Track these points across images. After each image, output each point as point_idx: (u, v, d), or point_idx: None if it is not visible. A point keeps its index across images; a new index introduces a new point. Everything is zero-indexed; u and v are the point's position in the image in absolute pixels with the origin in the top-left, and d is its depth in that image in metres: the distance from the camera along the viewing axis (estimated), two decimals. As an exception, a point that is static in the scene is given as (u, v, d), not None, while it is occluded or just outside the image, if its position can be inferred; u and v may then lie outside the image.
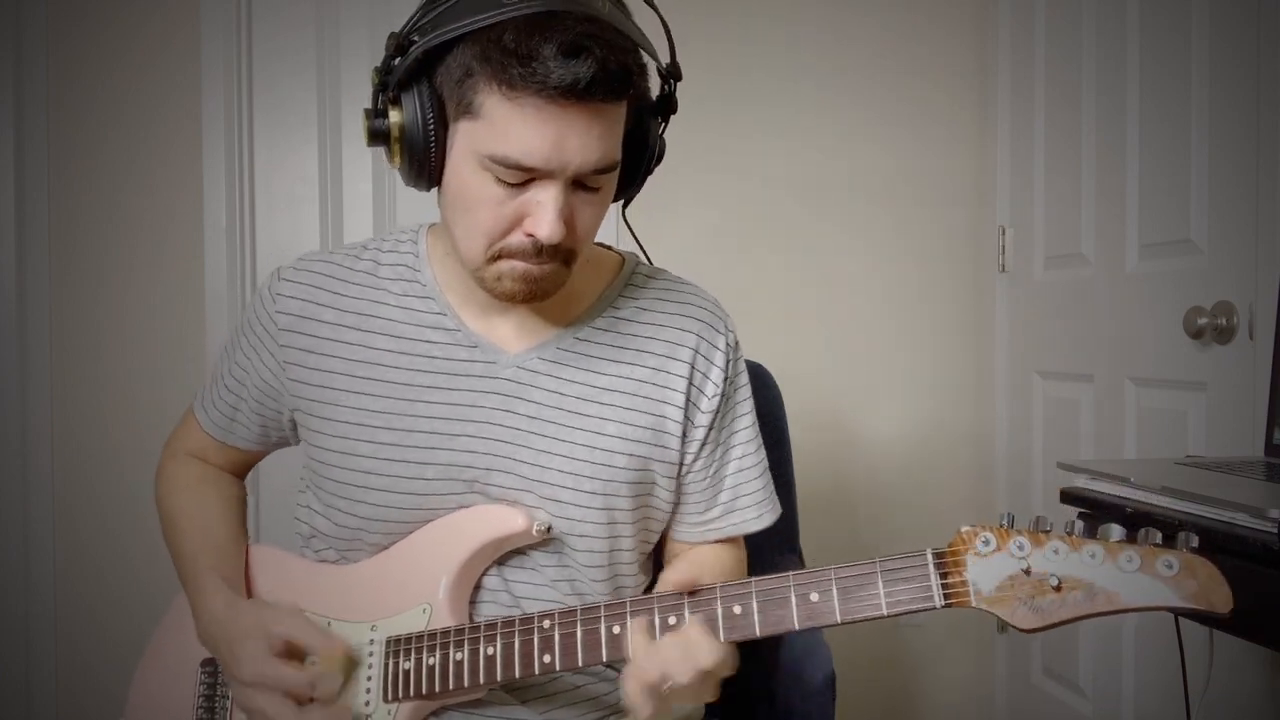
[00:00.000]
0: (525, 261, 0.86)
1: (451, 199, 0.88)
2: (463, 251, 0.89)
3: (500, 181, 0.83)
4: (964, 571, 0.75)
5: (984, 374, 2.31)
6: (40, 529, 2.15)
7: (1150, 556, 0.71)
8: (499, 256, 0.87)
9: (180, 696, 1.03)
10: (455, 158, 0.86)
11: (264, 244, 2.24)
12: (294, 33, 2.23)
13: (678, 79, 0.96)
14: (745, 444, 1.04)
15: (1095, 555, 0.72)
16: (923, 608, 0.76)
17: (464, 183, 0.85)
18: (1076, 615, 0.72)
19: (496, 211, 0.85)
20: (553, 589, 0.97)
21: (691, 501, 1.03)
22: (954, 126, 2.30)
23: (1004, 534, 0.74)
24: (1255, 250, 1.46)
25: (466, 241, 0.88)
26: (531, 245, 0.85)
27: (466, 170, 0.85)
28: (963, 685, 2.34)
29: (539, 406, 0.95)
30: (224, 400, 1.05)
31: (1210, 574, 0.70)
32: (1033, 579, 0.73)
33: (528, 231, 0.85)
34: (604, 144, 0.84)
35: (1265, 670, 1.44)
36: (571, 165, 0.83)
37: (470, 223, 0.86)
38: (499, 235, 0.86)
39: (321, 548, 1.02)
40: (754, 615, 0.80)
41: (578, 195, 0.86)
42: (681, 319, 1.01)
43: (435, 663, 0.89)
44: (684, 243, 2.21)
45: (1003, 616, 0.73)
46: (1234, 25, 1.51)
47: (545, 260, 0.86)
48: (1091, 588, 0.71)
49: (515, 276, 0.87)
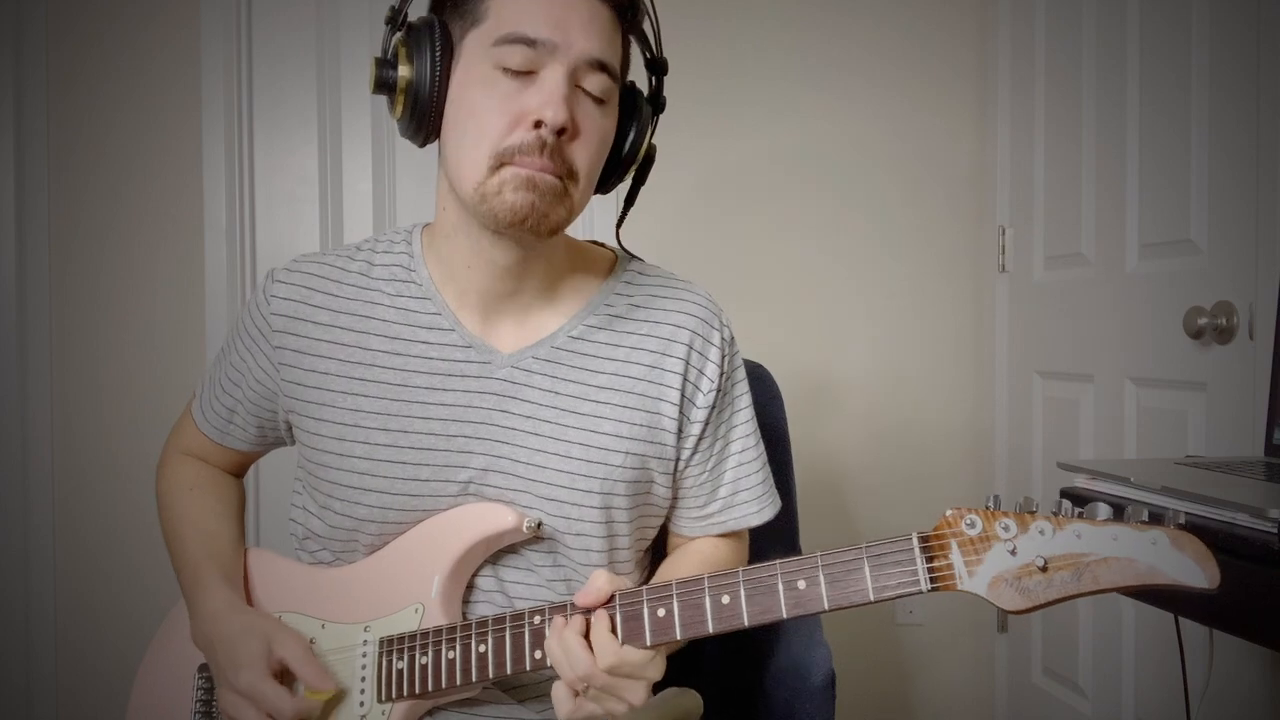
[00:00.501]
0: (528, 164, 0.85)
1: (455, 114, 0.89)
2: (467, 170, 0.88)
3: (506, 71, 0.85)
4: (950, 554, 0.74)
5: (984, 374, 2.31)
6: (40, 529, 2.15)
7: (1137, 533, 0.70)
8: (501, 165, 0.86)
9: (178, 701, 1.03)
10: (462, 71, 0.88)
11: (264, 244, 2.24)
12: (294, 33, 2.23)
13: (664, 72, 0.98)
14: (744, 438, 1.04)
15: (1081, 535, 0.71)
16: (910, 592, 0.75)
17: (470, 89, 0.87)
18: (1064, 595, 0.71)
19: (503, 107, 0.85)
20: (548, 589, 0.97)
21: (691, 496, 1.03)
22: (954, 126, 2.30)
23: (990, 516, 0.74)
24: (1255, 250, 1.46)
25: (473, 152, 0.87)
26: (536, 140, 0.85)
27: (474, 74, 0.87)
28: (963, 685, 2.34)
29: (535, 406, 0.95)
30: (220, 403, 1.05)
31: (1197, 549, 0.69)
32: (1019, 560, 0.72)
33: (534, 119, 0.85)
34: (604, 41, 0.88)
35: (1265, 670, 1.44)
36: (575, 47, 0.85)
37: (474, 130, 0.87)
38: (503, 134, 0.85)
39: (316, 549, 1.02)
40: (741, 605, 0.79)
41: (580, 100, 0.87)
42: (676, 315, 1.00)
43: (428, 662, 0.90)
44: (684, 244, 2.21)
45: (989, 598, 0.73)
46: (1234, 25, 1.51)
47: (548, 163, 0.86)
48: (1078, 567, 0.71)
49: (518, 184, 0.86)
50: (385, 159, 2.26)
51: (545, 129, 0.84)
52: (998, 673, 2.29)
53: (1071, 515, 0.72)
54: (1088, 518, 0.72)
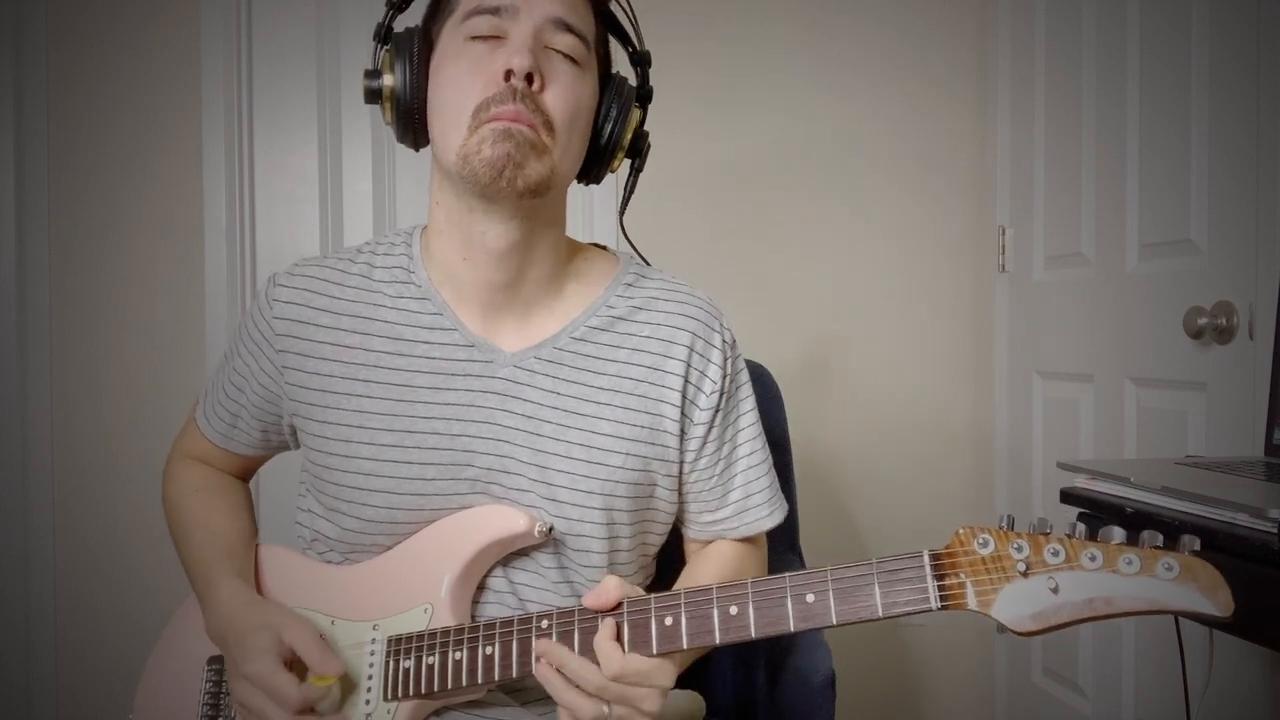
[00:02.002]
0: (503, 115, 0.87)
1: (437, 95, 0.92)
2: (450, 140, 0.90)
3: (475, 39, 0.90)
4: (961, 573, 0.74)
5: (984, 374, 2.31)
6: (40, 529, 2.15)
7: (1150, 559, 0.69)
8: (480, 124, 0.88)
9: (186, 694, 1.03)
10: (437, 59, 0.93)
11: (264, 244, 2.24)
12: (294, 33, 2.23)
13: (647, 64, 1.02)
14: (751, 442, 1.04)
15: (1095, 558, 0.70)
16: (919, 610, 0.75)
17: (443, 71, 0.92)
18: (1075, 619, 0.71)
19: (473, 71, 0.89)
20: (554, 592, 0.97)
21: (701, 502, 1.03)
22: (954, 126, 2.30)
23: (1003, 536, 0.73)
24: (1255, 250, 1.46)
25: (452, 121, 0.90)
26: (508, 89, 0.87)
27: (449, 55, 0.91)
28: (963, 685, 2.34)
29: (536, 406, 0.95)
30: (224, 408, 1.06)
31: (1211, 577, 0.69)
32: (1031, 582, 0.72)
33: (503, 70, 0.87)
34: (567, 6, 0.91)
35: (1265, 670, 1.44)
36: (538, 8, 0.90)
37: (452, 98, 0.90)
38: (478, 93, 0.88)
39: (324, 550, 1.02)
40: (750, 616, 0.79)
41: (550, 56, 0.91)
42: (677, 318, 1.01)
43: (435, 662, 0.90)
44: (685, 243, 2.21)
45: (999, 619, 0.72)
46: (1234, 25, 1.51)
47: (521, 109, 0.87)
48: (1090, 591, 0.70)
49: (495, 138, 0.87)
50: (385, 159, 2.26)
51: (515, 78, 0.87)
52: (998, 673, 2.29)
53: (1085, 538, 0.72)
54: (1102, 541, 0.71)
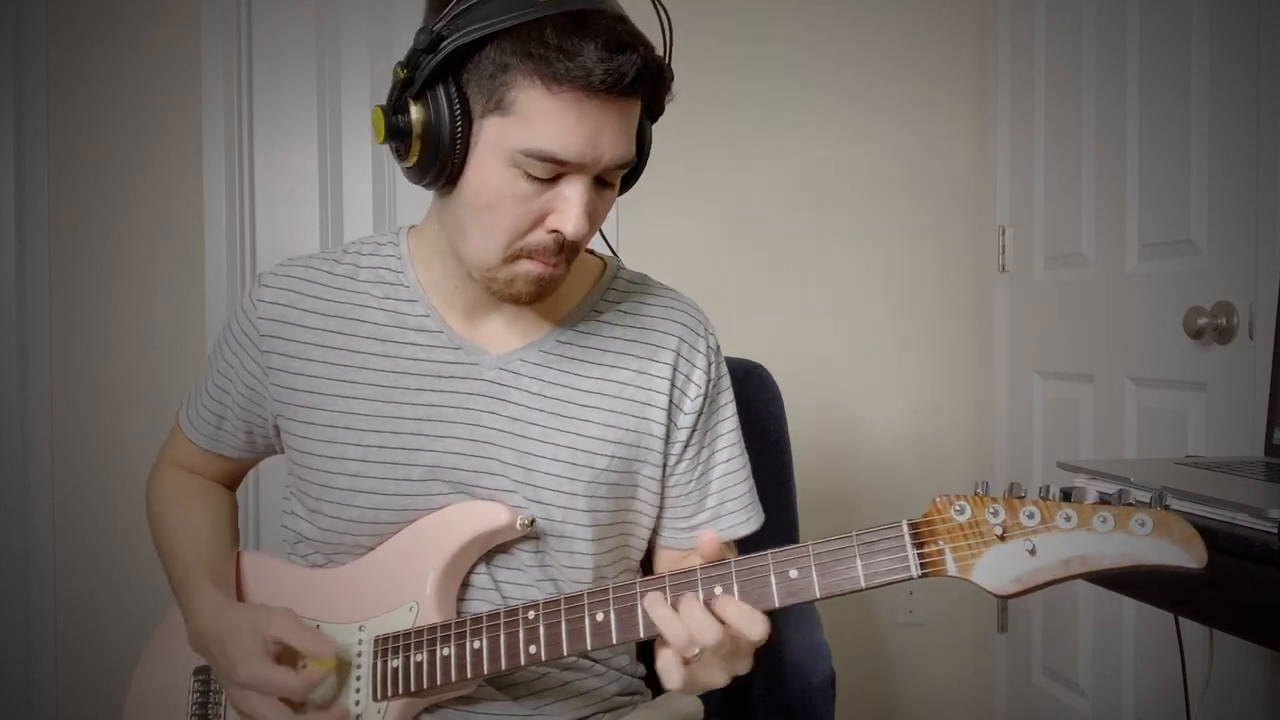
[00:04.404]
0: (543, 263, 0.87)
1: (470, 198, 0.86)
2: (475, 251, 0.88)
3: (529, 177, 0.83)
4: (939, 540, 0.74)
5: (984, 374, 2.31)
6: (40, 529, 2.15)
7: (1124, 516, 0.70)
8: (517, 257, 0.87)
9: (174, 705, 1.03)
10: (479, 155, 0.85)
11: (264, 244, 2.24)
12: (294, 33, 2.23)
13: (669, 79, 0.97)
14: (730, 447, 1.04)
15: (1070, 518, 0.71)
16: (900, 578, 0.75)
17: (487, 180, 0.85)
18: (1053, 579, 0.71)
19: (521, 209, 0.85)
20: (536, 589, 0.97)
21: (678, 505, 1.03)
22: (954, 126, 2.30)
23: (979, 501, 0.74)
24: (1255, 250, 1.46)
25: (484, 240, 0.87)
26: (554, 242, 0.86)
27: (491, 167, 0.84)
28: (963, 685, 2.34)
29: (522, 408, 0.96)
30: (209, 409, 1.05)
31: (1185, 530, 0.69)
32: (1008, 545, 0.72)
33: (552, 228, 0.85)
34: (630, 139, 0.86)
35: (1265, 670, 1.44)
36: (604, 159, 0.84)
37: (491, 221, 0.86)
38: (521, 233, 0.86)
39: (308, 552, 1.02)
40: (734, 594, 0.79)
41: (596, 192, 0.87)
42: (663, 322, 1.01)
43: (423, 659, 0.90)
44: (684, 243, 2.21)
45: (978, 583, 0.73)
46: (1234, 25, 1.51)
47: (562, 260, 0.88)
48: (1067, 551, 0.71)
49: (530, 279, 0.88)
50: (385, 159, 2.26)
51: (564, 240, 0.86)
52: (998, 673, 2.29)
53: (1060, 499, 0.73)
54: (1076, 501, 0.72)
